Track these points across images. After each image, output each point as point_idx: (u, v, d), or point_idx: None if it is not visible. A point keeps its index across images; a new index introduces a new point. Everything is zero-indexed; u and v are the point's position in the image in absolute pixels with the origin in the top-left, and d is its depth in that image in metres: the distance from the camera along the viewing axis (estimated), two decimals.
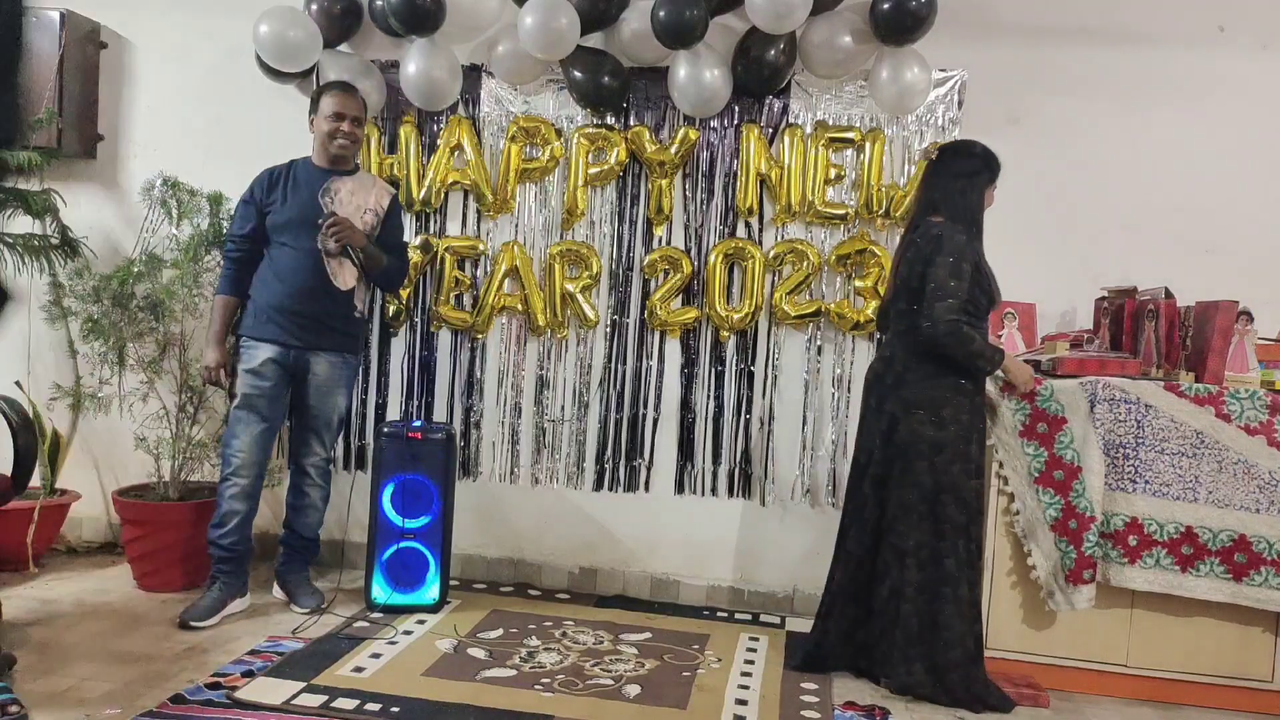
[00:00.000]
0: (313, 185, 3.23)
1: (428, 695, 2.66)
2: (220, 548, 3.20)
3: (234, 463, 3.20)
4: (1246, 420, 2.88)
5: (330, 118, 3.21)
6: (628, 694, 2.76)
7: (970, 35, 3.45)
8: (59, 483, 3.80)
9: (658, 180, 3.59)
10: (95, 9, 3.85)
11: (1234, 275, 3.26)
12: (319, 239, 3.17)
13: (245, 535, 3.24)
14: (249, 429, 3.20)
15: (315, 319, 3.22)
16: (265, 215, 3.22)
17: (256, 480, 3.25)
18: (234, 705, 2.53)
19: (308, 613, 3.24)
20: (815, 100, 3.55)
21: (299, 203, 3.21)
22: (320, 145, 3.26)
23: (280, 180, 3.25)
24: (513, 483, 3.78)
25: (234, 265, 3.27)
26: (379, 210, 3.30)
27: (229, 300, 3.27)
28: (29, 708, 2.42)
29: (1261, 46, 3.38)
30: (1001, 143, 3.43)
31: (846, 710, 2.76)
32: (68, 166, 3.86)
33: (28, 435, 2.79)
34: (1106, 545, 2.94)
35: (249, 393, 3.19)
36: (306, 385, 3.27)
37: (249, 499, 3.23)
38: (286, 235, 3.21)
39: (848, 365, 3.58)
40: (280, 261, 3.20)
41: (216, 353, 3.26)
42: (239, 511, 3.21)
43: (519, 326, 3.74)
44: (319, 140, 3.26)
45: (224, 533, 3.20)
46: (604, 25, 3.50)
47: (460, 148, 3.68)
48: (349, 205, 3.24)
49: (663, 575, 3.71)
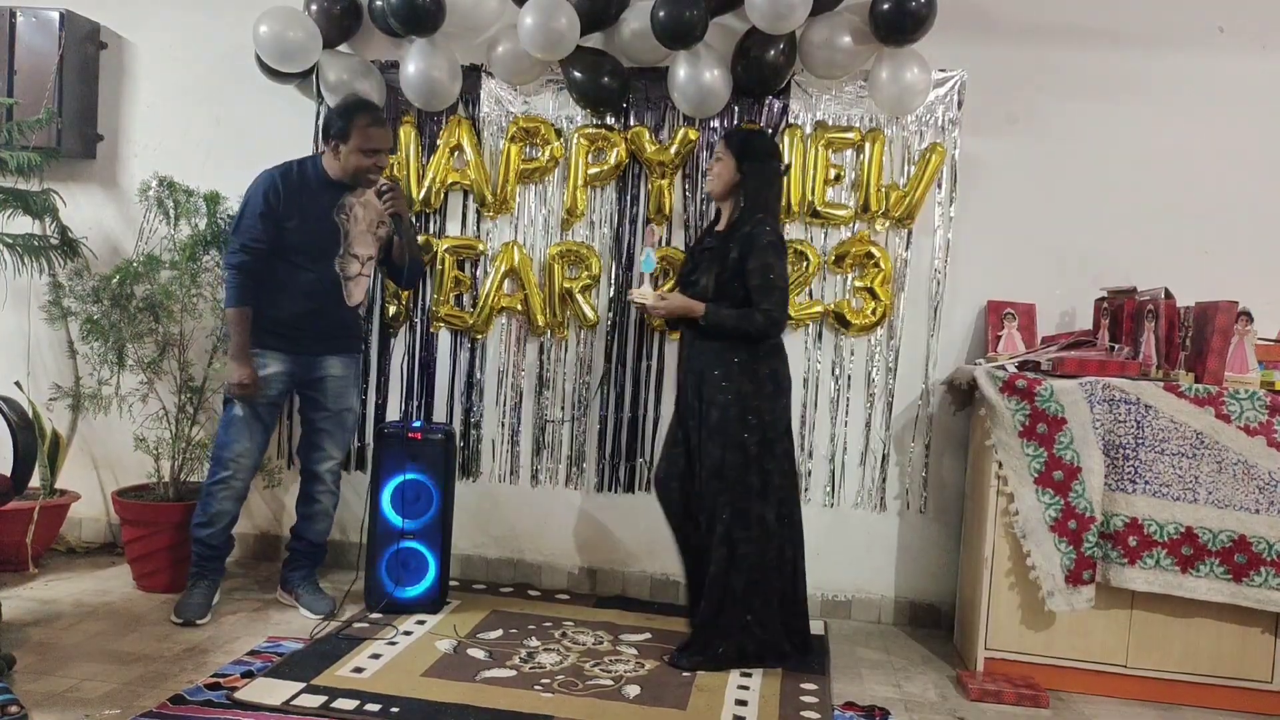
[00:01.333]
0: (328, 200, 3.19)
1: (427, 696, 2.66)
2: (208, 545, 3.24)
3: (231, 466, 3.21)
4: (1246, 421, 2.88)
5: (367, 153, 3.12)
6: (627, 694, 2.76)
7: (970, 35, 3.45)
8: (58, 483, 3.80)
9: (657, 180, 3.58)
10: (95, 9, 3.85)
11: (1233, 275, 3.26)
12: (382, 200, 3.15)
13: (230, 533, 3.31)
14: (251, 435, 3.21)
15: (327, 333, 3.26)
16: (280, 230, 3.13)
17: (248, 482, 3.30)
18: (234, 706, 2.53)
19: (322, 617, 3.24)
20: (815, 100, 3.55)
21: (315, 222, 3.16)
22: (343, 171, 3.16)
23: (295, 190, 3.15)
24: (513, 483, 3.79)
25: (250, 277, 3.12)
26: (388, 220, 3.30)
27: (247, 312, 3.12)
28: (29, 708, 2.42)
29: (1261, 46, 3.38)
30: (1001, 143, 3.47)
31: (846, 710, 2.76)
32: (67, 166, 3.86)
33: (27, 435, 2.79)
34: (1106, 546, 2.94)
35: (254, 404, 3.18)
36: (323, 386, 3.28)
37: (239, 501, 3.29)
38: (304, 258, 3.16)
39: (847, 365, 3.58)
40: (299, 283, 3.16)
41: (248, 368, 3.13)
42: (230, 513, 3.26)
43: (519, 326, 3.74)
44: (345, 169, 3.15)
45: (213, 532, 3.24)
46: (604, 25, 3.50)
47: (460, 148, 3.68)
48: (363, 221, 3.25)
49: (663, 575, 3.71)
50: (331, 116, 3.20)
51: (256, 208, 3.13)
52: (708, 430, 2.98)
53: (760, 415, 2.95)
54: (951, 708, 2.86)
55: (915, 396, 3.57)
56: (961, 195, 3.49)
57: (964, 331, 3.54)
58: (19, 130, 3.53)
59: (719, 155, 3.07)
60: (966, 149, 3.48)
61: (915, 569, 3.59)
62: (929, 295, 3.53)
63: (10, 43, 3.70)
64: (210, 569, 3.26)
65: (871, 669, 3.13)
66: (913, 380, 3.56)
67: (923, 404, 3.56)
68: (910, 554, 3.59)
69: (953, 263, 3.51)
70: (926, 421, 3.56)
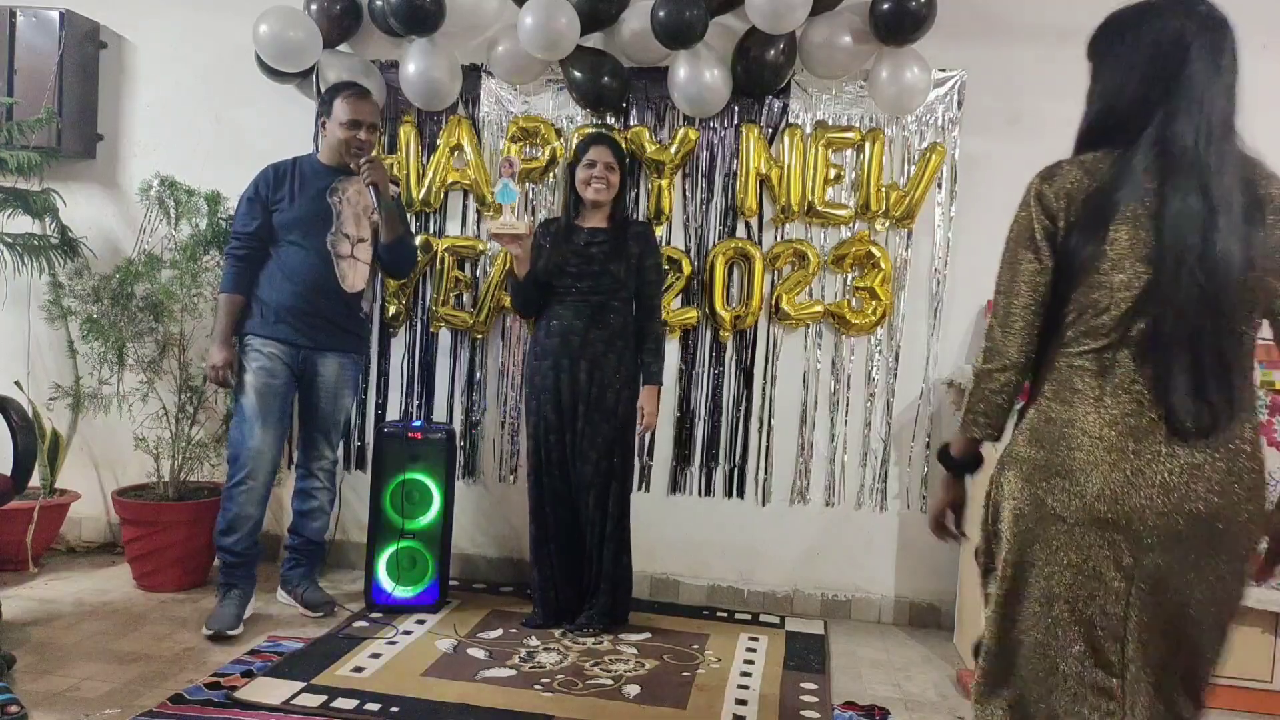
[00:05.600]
0: (320, 184, 3.20)
1: (427, 695, 2.66)
2: (234, 554, 3.12)
3: (249, 465, 3.11)
4: None
5: (346, 125, 3.15)
6: (627, 694, 2.76)
7: (970, 35, 3.45)
8: (58, 483, 3.80)
9: (657, 180, 3.58)
10: (95, 9, 3.84)
11: None
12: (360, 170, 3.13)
13: (256, 539, 3.19)
14: (265, 430, 3.13)
15: (325, 319, 3.20)
16: (272, 212, 3.17)
17: (269, 482, 3.19)
18: (233, 705, 2.53)
19: (322, 616, 3.24)
20: (815, 100, 3.55)
21: (307, 201, 3.18)
22: (330, 147, 3.22)
23: (286, 177, 3.20)
24: (513, 483, 3.79)
25: (240, 263, 3.17)
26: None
27: (235, 299, 3.17)
28: (29, 708, 2.42)
29: (1261, 46, 3.37)
30: (1001, 143, 3.46)
31: (846, 710, 2.76)
32: (67, 166, 3.86)
33: (27, 435, 2.79)
34: None
35: (262, 393, 3.12)
36: (315, 387, 3.25)
37: (262, 503, 3.16)
38: (295, 234, 3.16)
39: (847, 365, 3.58)
40: (290, 261, 3.16)
41: (224, 351, 3.15)
42: (252, 516, 3.14)
43: (519, 326, 3.74)
44: (332, 145, 3.21)
45: (238, 538, 3.12)
46: (604, 25, 3.50)
47: (460, 148, 3.68)
48: (356, 206, 3.23)
49: (662, 575, 3.71)
50: (321, 98, 3.30)
51: (246, 195, 3.21)
52: (601, 413, 3.19)
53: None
54: (951, 707, 2.86)
55: (915, 396, 3.57)
56: (961, 195, 3.49)
57: (964, 331, 3.55)
58: (19, 130, 3.53)
59: (612, 166, 3.22)
60: (966, 149, 3.48)
61: (915, 569, 3.59)
62: (929, 295, 3.53)
63: (10, 42, 3.70)
64: (239, 577, 3.13)
65: (871, 668, 3.13)
66: (913, 380, 3.56)
67: (923, 404, 3.57)
68: (910, 554, 3.59)
69: (953, 263, 3.51)
70: (926, 421, 3.56)
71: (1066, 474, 1.51)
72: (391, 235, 3.24)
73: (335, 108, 3.17)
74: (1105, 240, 1.49)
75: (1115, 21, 1.65)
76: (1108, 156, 1.57)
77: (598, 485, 3.20)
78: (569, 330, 3.18)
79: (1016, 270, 1.61)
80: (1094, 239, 1.50)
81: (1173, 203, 1.47)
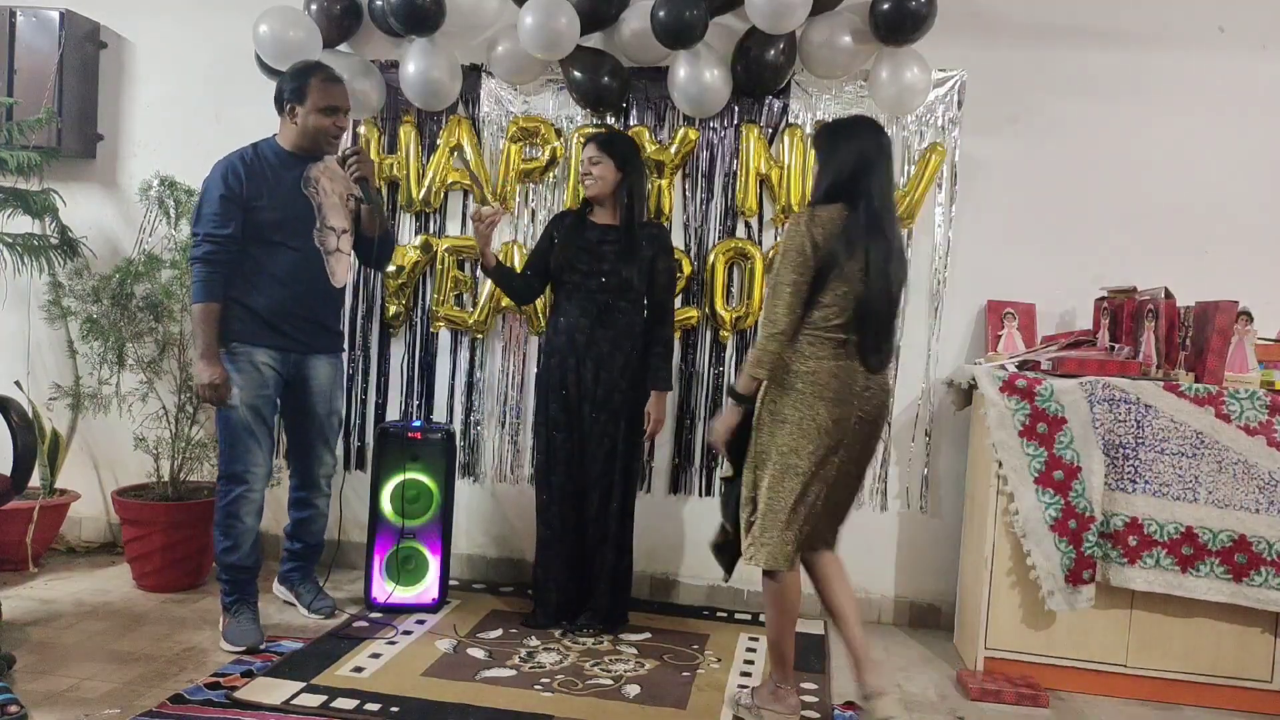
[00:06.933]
0: (291, 175, 3.03)
1: (427, 695, 2.66)
2: (240, 569, 3.04)
3: (248, 479, 3.00)
4: (1246, 420, 2.88)
5: (324, 112, 2.98)
6: (627, 694, 2.76)
7: (970, 35, 3.45)
8: (58, 483, 3.80)
9: (657, 180, 3.58)
10: (95, 9, 3.85)
11: (1233, 275, 3.25)
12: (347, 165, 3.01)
13: (258, 550, 3.13)
14: (259, 442, 3.01)
15: (317, 321, 3.11)
16: (249, 211, 2.94)
17: (264, 492, 3.11)
18: (233, 705, 2.53)
19: (321, 617, 3.23)
20: (815, 100, 3.55)
21: (286, 197, 2.99)
22: (302, 135, 3.01)
23: (256, 170, 2.97)
24: (513, 483, 3.79)
25: (220, 269, 2.90)
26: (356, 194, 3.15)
27: (215, 308, 2.90)
28: (29, 708, 2.42)
29: (1261, 46, 3.38)
30: (1001, 143, 3.47)
31: (846, 710, 2.76)
32: (67, 166, 3.86)
33: (27, 435, 2.79)
34: (1106, 545, 2.94)
35: (254, 405, 2.98)
36: (309, 392, 3.13)
37: (260, 513, 3.09)
38: (282, 235, 2.98)
39: None
40: (280, 263, 2.98)
41: (218, 368, 2.90)
42: (254, 529, 3.05)
43: (519, 326, 3.74)
44: (304, 132, 3.00)
45: (243, 554, 3.03)
46: (604, 25, 3.50)
47: (460, 148, 3.68)
48: (332, 195, 3.10)
49: (662, 575, 3.71)
50: (284, 81, 3.03)
51: (216, 192, 2.92)
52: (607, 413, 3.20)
53: None
54: (951, 707, 2.86)
55: (915, 396, 3.57)
56: (961, 195, 3.49)
57: (964, 331, 3.55)
58: (19, 130, 3.53)
59: (595, 159, 3.18)
60: (966, 149, 3.48)
61: (915, 568, 3.59)
62: (929, 295, 3.53)
63: (10, 42, 3.70)
64: (248, 592, 3.05)
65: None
66: (913, 380, 3.56)
67: (923, 403, 3.56)
68: (911, 553, 3.59)
69: (953, 263, 3.51)
70: (927, 421, 3.56)
71: (820, 394, 2.47)
72: (379, 229, 3.16)
73: (310, 93, 2.96)
74: (841, 267, 2.43)
75: (837, 128, 2.61)
76: (840, 211, 2.45)
77: (603, 485, 3.20)
78: (575, 328, 3.18)
79: (793, 273, 2.43)
80: (835, 265, 2.42)
81: (877, 247, 2.44)
